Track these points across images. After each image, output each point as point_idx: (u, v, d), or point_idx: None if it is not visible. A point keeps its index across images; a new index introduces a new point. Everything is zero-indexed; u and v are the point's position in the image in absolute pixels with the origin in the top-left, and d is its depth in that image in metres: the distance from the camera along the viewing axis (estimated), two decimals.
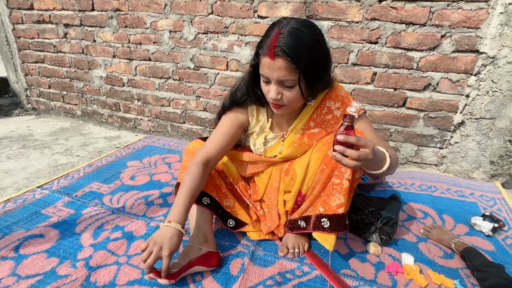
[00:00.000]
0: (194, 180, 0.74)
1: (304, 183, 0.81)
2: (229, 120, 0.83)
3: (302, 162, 0.81)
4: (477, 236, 1.03)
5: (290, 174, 0.85)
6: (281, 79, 0.64)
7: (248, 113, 0.84)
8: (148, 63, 1.76)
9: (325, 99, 0.79)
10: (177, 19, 1.59)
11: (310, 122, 0.80)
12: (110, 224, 1.00)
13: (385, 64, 1.32)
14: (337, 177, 0.73)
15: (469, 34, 1.19)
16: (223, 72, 1.61)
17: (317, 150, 0.78)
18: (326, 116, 0.80)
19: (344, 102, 0.79)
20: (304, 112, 0.81)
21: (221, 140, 0.82)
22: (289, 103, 0.70)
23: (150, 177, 1.36)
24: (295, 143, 0.82)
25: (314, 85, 0.68)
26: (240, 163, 0.94)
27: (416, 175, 1.39)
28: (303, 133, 0.81)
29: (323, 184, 0.76)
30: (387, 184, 1.34)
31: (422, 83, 1.31)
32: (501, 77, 1.19)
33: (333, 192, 0.74)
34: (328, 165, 0.74)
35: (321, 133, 0.80)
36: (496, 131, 1.27)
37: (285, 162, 0.88)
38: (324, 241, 0.78)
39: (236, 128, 0.84)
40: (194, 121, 1.80)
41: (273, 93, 0.66)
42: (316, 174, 0.77)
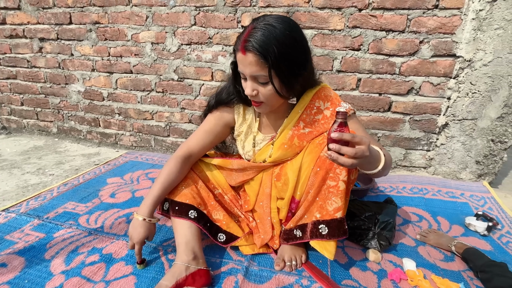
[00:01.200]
0: (170, 173, 0.77)
1: (298, 188, 0.77)
2: (214, 117, 0.83)
3: (294, 165, 0.78)
4: (473, 236, 1.01)
5: (282, 179, 0.81)
6: (254, 74, 0.64)
7: (234, 111, 0.83)
8: (129, 76, 1.70)
9: (314, 99, 0.77)
10: (159, 31, 1.56)
11: (299, 123, 0.78)
12: (86, 246, 0.90)
13: (368, 70, 1.35)
14: (332, 179, 0.70)
15: (445, 39, 1.24)
16: (208, 83, 1.58)
17: (309, 152, 0.75)
18: (316, 116, 0.78)
19: (334, 102, 0.77)
20: (293, 112, 0.79)
21: (205, 137, 0.83)
22: (267, 101, 0.69)
23: (132, 193, 1.26)
24: (285, 144, 0.79)
25: (290, 83, 0.66)
26: (229, 172, 0.90)
27: (406, 178, 1.39)
28: (293, 134, 0.78)
29: (317, 188, 0.72)
30: (379, 189, 1.33)
31: (405, 87, 1.34)
32: (479, 79, 1.24)
33: (329, 195, 0.71)
34: (322, 167, 0.71)
35: (312, 133, 0.78)
36: (478, 131, 1.30)
37: (276, 166, 0.85)
38: (323, 249, 0.73)
39: (221, 126, 0.84)
40: (179, 134, 1.74)
41: (248, 89, 0.67)
42: (309, 177, 0.73)
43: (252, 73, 0.64)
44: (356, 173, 0.72)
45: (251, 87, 0.67)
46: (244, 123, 0.84)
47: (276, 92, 0.66)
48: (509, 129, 1.26)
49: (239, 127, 0.85)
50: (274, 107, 0.73)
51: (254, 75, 0.64)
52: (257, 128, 0.83)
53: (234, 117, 0.84)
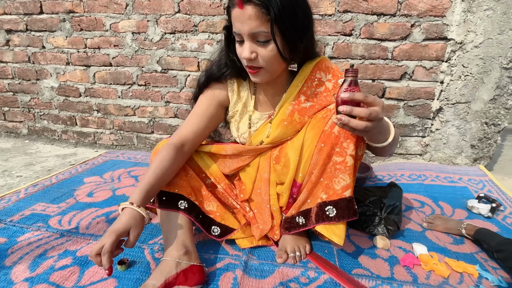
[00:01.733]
0: (162, 160, 0.65)
1: (300, 169, 0.71)
2: (206, 98, 0.75)
3: (295, 144, 0.71)
4: (478, 219, 0.98)
5: (282, 161, 0.74)
6: (253, 31, 0.57)
7: (227, 88, 0.76)
8: (108, 69, 1.58)
9: (315, 70, 0.72)
10: (140, 19, 1.46)
11: (300, 96, 0.72)
12: (56, 250, 0.77)
13: (361, 55, 1.32)
14: (338, 155, 0.64)
15: (436, 22, 1.23)
16: (194, 74, 1.49)
17: (311, 127, 0.69)
18: (317, 89, 0.72)
19: (335, 74, 0.72)
20: (292, 85, 0.72)
21: (198, 121, 0.73)
22: (267, 65, 0.62)
23: (113, 192, 1.14)
24: (284, 121, 0.72)
25: (294, 43, 0.60)
26: (222, 160, 0.82)
27: (404, 165, 1.36)
28: (293, 109, 0.72)
29: (322, 166, 0.67)
30: (377, 177, 1.29)
31: (399, 72, 1.31)
32: (470, 61, 1.23)
33: (335, 173, 0.65)
34: (327, 142, 0.65)
35: (314, 107, 0.72)
36: (472, 114, 1.29)
37: (274, 148, 0.78)
38: (331, 234, 0.66)
39: (215, 107, 0.75)
40: (164, 130, 1.63)
41: (246, 51, 0.59)
42: (312, 155, 0.67)
43: (251, 29, 0.57)
44: (364, 147, 0.66)
45: (249, 48, 0.59)
46: (239, 102, 0.77)
47: (279, 52, 0.59)
48: (501, 111, 1.26)
49: (233, 107, 0.77)
50: (274, 74, 0.66)
51: (254, 32, 0.57)
52: (253, 107, 0.76)
53: (228, 94, 0.76)
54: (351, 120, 0.50)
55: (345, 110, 0.49)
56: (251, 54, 0.59)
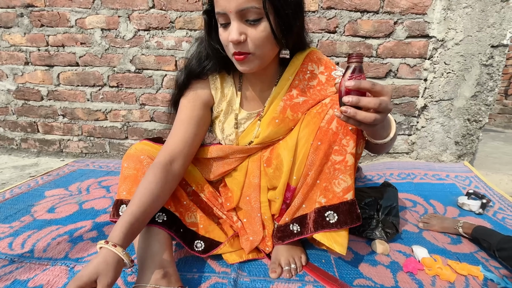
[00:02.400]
0: (148, 185, 0.55)
1: (294, 171, 0.64)
2: (189, 100, 0.66)
3: (289, 143, 0.65)
4: (469, 215, 0.97)
5: (273, 163, 0.67)
6: (242, 7, 0.50)
7: (210, 86, 0.68)
8: (75, 69, 1.44)
9: (306, 62, 0.66)
10: (110, 15, 1.34)
11: (292, 91, 0.66)
12: (3, 281, 0.63)
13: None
14: (338, 153, 0.59)
15: (418, 19, 1.23)
16: (172, 73, 1.40)
17: (306, 124, 0.63)
18: (310, 82, 0.66)
19: (328, 66, 0.67)
20: (283, 78, 0.66)
21: (185, 129, 0.64)
22: (258, 49, 0.54)
23: (79, 205, 1.00)
24: (276, 119, 0.66)
25: (288, 21, 0.53)
26: (206, 163, 0.75)
27: (392, 164, 1.35)
28: (285, 105, 0.66)
29: (319, 166, 0.61)
30: (367, 177, 1.26)
31: (383, 70, 1.30)
32: (452, 58, 1.24)
33: (335, 174, 0.60)
34: (324, 140, 0.60)
35: (307, 103, 0.66)
36: (455, 111, 1.30)
37: (265, 149, 0.72)
38: (333, 242, 0.60)
39: (200, 109, 0.67)
40: (139, 135, 1.51)
41: (234, 33, 0.51)
42: (308, 155, 0.62)
43: (239, 5, 0.49)
44: (364, 145, 0.61)
45: (237, 29, 0.51)
46: (223, 100, 0.70)
47: (272, 32, 0.52)
48: (482, 107, 1.28)
49: (217, 106, 0.70)
50: (265, 61, 0.58)
51: (243, 9, 0.50)
52: (239, 104, 0.69)
53: (211, 93, 0.69)
54: (358, 112, 0.44)
55: (352, 100, 0.44)
56: (240, 36, 0.52)
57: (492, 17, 1.17)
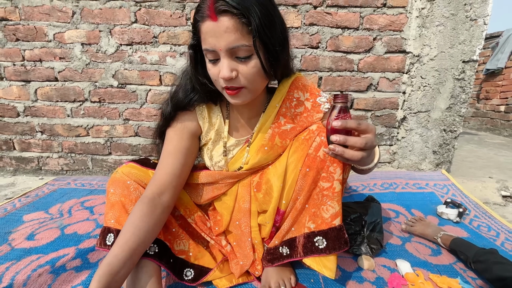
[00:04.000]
0: (135, 222, 0.54)
1: (283, 195, 0.66)
2: (176, 132, 0.67)
3: (278, 169, 0.67)
4: (448, 224, 1.02)
5: (263, 188, 0.69)
6: (232, 46, 0.51)
7: (197, 116, 0.70)
8: (54, 85, 1.39)
9: (292, 89, 0.68)
10: (91, 29, 1.31)
11: (279, 118, 0.68)
12: None
13: (328, 67, 1.33)
14: (325, 180, 0.61)
15: (395, 36, 1.28)
16: (156, 88, 1.38)
17: (294, 151, 0.65)
18: (297, 109, 0.68)
19: (313, 92, 0.69)
20: (270, 106, 0.68)
21: (172, 160, 0.64)
22: (249, 83, 0.56)
23: (61, 230, 0.96)
24: (265, 146, 0.68)
25: (276, 55, 0.55)
26: (195, 188, 0.76)
27: (375, 174, 1.39)
28: (273, 133, 0.68)
29: (307, 192, 0.63)
30: (351, 188, 1.30)
31: (365, 83, 1.35)
32: (428, 72, 1.31)
33: (323, 200, 0.62)
34: (312, 166, 0.62)
35: (295, 129, 0.68)
36: (432, 122, 1.37)
37: (254, 174, 0.73)
38: (322, 267, 0.62)
39: (187, 139, 0.68)
40: (123, 151, 1.48)
41: (225, 70, 0.53)
42: (297, 181, 0.64)
43: (229, 44, 0.50)
44: (349, 170, 0.64)
45: (228, 66, 0.52)
46: (211, 129, 0.71)
47: (262, 68, 0.54)
48: (456, 118, 1.35)
49: (205, 135, 0.71)
50: (256, 93, 0.60)
51: (233, 47, 0.51)
52: (227, 133, 0.71)
53: (199, 123, 0.70)
54: (346, 151, 0.48)
55: (339, 140, 0.47)
56: (231, 73, 0.53)
57: (463, 34, 1.24)
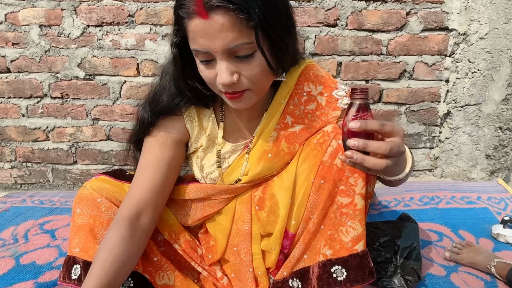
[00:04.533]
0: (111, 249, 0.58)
1: (292, 214, 0.67)
2: (157, 140, 0.71)
3: (285, 181, 0.68)
4: (507, 249, 1.01)
5: (267, 205, 0.70)
6: (230, 46, 0.52)
7: (184, 119, 0.73)
8: (5, 77, 1.43)
9: (302, 82, 0.70)
10: (51, 8, 1.35)
11: (286, 118, 0.70)
12: None
13: (350, 51, 1.34)
14: (344, 194, 0.62)
15: (434, 9, 1.30)
16: (133, 80, 1.41)
17: (305, 158, 0.67)
18: (307, 106, 0.70)
19: (328, 84, 0.71)
20: (274, 103, 0.70)
21: (152, 174, 0.68)
22: (254, 85, 0.58)
23: (16, 260, 0.99)
24: (268, 153, 0.70)
25: (283, 46, 0.57)
26: (181, 205, 0.78)
27: (412, 186, 1.39)
28: (278, 136, 0.70)
29: (322, 210, 0.64)
30: (381, 204, 1.30)
31: (396, 70, 1.36)
32: (477, 55, 1.31)
33: (342, 219, 0.63)
34: (328, 177, 0.63)
35: (305, 131, 0.70)
36: (484, 118, 1.38)
37: (255, 187, 0.75)
38: None
39: (171, 148, 0.71)
40: (92, 158, 1.51)
41: (225, 75, 0.54)
42: (309, 196, 0.65)
43: (227, 44, 0.52)
44: (375, 181, 0.65)
45: (228, 70, 0.54)
46: (202, 134, 0.74)
47: (268, 64, 0.56)
48: None
49: (195, 141, 0.75)
50: (262, 93, 0.63)
51: (231, 47, 0.52)
52: (221, 138, 0.73)
53: (186, 127, 0.73)
54: (366, 159, 0.49)
55: (358, 145, 0.48)
56: (232, 77, 0.55)
57: None
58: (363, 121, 0.48)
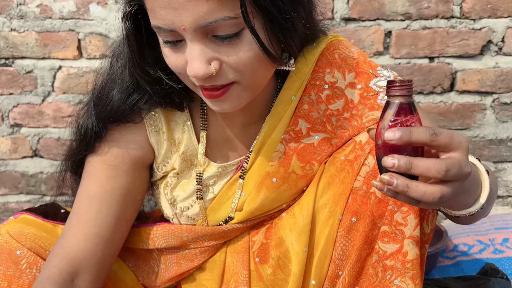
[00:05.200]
0: None
1: (312, 270, 0.70)
2: (105, 160, 0.73)
3: (298, 220, 0.70)
4: None
5: (273, 257, 0.73)
6: (204, 22, 0.54)
7: (146, 128, 0.75)
8: None
9: (321, 68, 0.73)
10: None
11: (298, 123, 0.73)
12: None
13: (404, 13, 1.31)
14: (388, 239, 0.65)
15: None
16: (72, 64, 1.38)
17: (328, 183, 0.69)
18: (331, 105, 0.72)
19: (363, 70, 0.73)
20: (280, 102, 0.73)
21: (97, 212, 0.70)
22: (244, 77, 0.60)
23: None
24: (273, 175, 0.72)
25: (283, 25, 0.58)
26: (144, 258, 0.82)
27: (507, 221, 1.33)
28: (287, 150, 0.72)
29: (356, 263, 0.67)
30: (457, 249, 1.27)
31: (477, 41, 1.32)
32: None
33: (386, 276, 0.65)
34: (363, 213, 0.66)
35: (327, 144, 0.72)
36: None
37: (255, 229, 0.77)
38: None
39: (126, 173, 0.74)
40: (11, 186, 1.47)
41: (198, 64, 0.56)
42: (335, 242, 0.68)
43: (200, 19, 0.53)
44: (436, 217, 0.67)
45: (202, 56, 0.56)
46: (174, 152, 0.77)
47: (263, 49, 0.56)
48: None
49: (163, 162, 0.77)
50: (257, 89, 0.65)
51: (206, 24, 0.53)
52: (203, 155, 0.75)
53: (150, 141, 0.76)
54: (412, 186, 0.47)
55: (398, 164, 0.47)
56: (209, 67, 0.56)
57: None
58: (405, 128, 0.48)
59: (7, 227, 0.72)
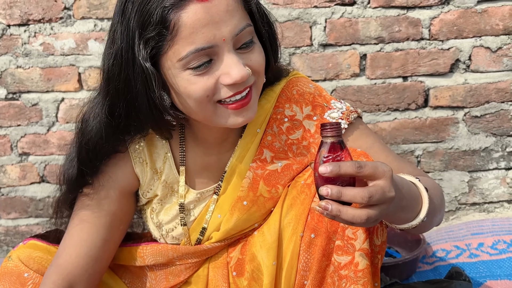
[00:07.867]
0: None
1: (281, 281, 0.74)
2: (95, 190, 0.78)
3: (267, 237, 0.75)
4: None
5: (248, 270, 0.77)
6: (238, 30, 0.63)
7: (132, 159, 0.80)
8: None
9: (282, 103, 0.79)
10: None
11: (263, 152, 0.78)
12: None
13: (377, 37, 1.38)
14: (342, 252, 0.69)
15: None
16: (74, 96, 1.46)
17: (290, 205, 0.74)
18: (291, 135, 0.78)
19: (317, 103, 0.79)
20: (247, 132, 0.78)
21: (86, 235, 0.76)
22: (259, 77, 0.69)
23: None
24: (243, 199, 0.77)
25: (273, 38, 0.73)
26: (136, 274, 0.87)
27: (482, 227, 1.39)
28: (255, 176, 0.77)
29: (317, 273, 0.71)
30: (436, 255, 1.32)
31: (446, 60, 1.38)
32: None
33: (341, 284, 0.69)
34: (319, 230, 0.70)
35: (289, 168, 0.78)
36: None
37: (232, 246, 0.82)
38: None
39: (114, 201, 0.79)
40: (20, 210, 1.54)
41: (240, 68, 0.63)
42: (299, 255, 0.72)
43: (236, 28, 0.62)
44: (385, 232, 0.71)
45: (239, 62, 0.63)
46: (156, 180, 0.81)
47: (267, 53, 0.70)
48: None
49: (147, 189, 0.82)
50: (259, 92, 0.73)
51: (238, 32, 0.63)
52: (184, 185, 0.80)
53: (136, 171, 0.81)
54: (343, 210, 0.52)
55: (331, 193, 0.52)
56: (247, 69, 0.63)
57: None
58: (335, 163, 0.53)
59: (18, 252, 0.78)
